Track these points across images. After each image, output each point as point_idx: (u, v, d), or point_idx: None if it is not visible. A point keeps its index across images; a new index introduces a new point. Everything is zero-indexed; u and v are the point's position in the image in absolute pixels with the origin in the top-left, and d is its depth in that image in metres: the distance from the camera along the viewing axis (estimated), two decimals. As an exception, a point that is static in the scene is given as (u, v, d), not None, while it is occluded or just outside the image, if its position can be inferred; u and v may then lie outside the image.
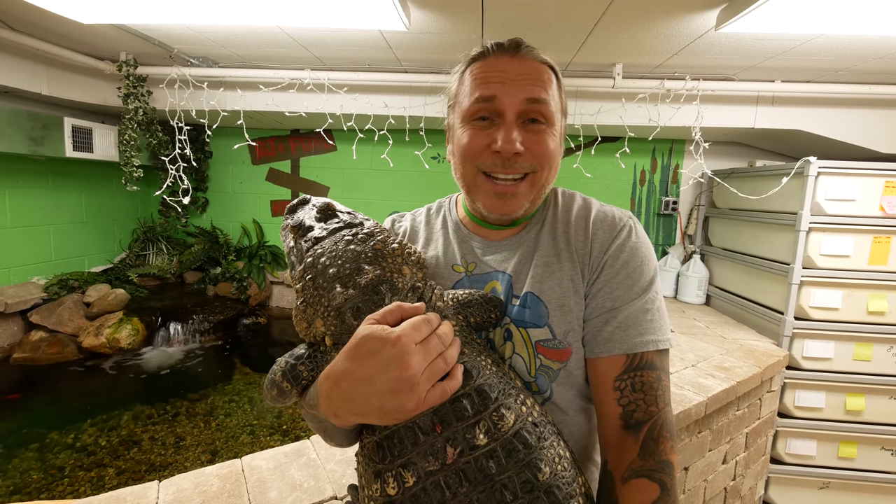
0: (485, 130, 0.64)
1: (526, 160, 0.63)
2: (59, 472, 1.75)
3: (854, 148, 2.40)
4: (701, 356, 1.82)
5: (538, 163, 0.64)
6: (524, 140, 0.62)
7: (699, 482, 1.63)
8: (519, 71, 0.63)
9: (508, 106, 0.62)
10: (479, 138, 0.64)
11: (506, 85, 0.62)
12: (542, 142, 0.63)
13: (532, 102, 0.62)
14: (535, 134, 0.63)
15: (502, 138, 0.61)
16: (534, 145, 0.63)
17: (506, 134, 0.61)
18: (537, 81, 0.63)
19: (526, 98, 0.62)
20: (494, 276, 0.69)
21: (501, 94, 0.62)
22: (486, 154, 0.63)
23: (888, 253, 1.89)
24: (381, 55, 2.23)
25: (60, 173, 2.85)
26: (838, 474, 2.00)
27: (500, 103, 0.62)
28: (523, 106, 0.62)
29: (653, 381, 0.60)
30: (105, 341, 2.57)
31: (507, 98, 0.62)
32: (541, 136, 0.63)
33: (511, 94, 0.62)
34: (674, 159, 3.06)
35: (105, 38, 2.15)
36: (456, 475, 0.48)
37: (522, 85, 0.62)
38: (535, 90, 0.62)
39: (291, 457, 1.11)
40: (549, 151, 0.64)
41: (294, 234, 0.66)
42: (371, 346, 0.47)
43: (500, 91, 0.62)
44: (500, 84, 0.62)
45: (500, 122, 0.63)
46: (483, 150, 0.64)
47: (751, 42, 1.84)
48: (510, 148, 0.61)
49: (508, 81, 0.62)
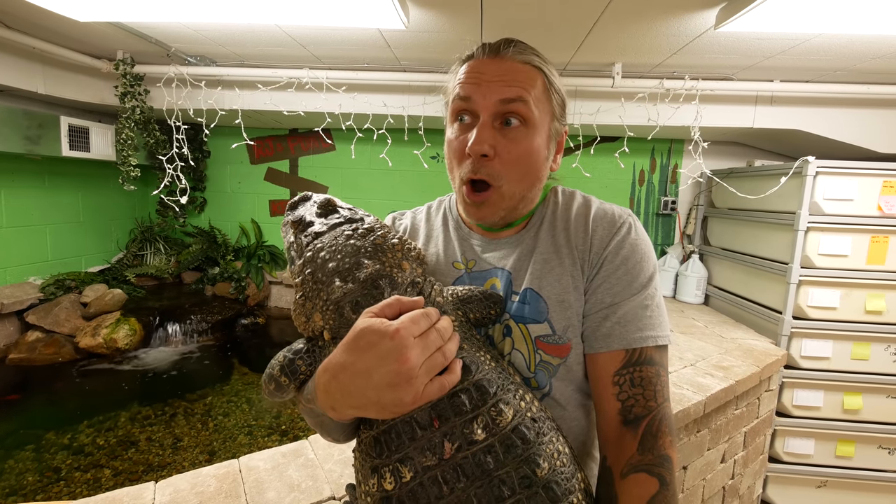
0: (463, 134, 0.64)
1: (494, 167, 0.62)
2: (55, 473, 1.74)
3: (852, 148, 2.41)
4: (699, 355, 1.82)
5: (504, 171, 0.63)
6: (497, 144, 0.62)
7: (698, 481, 1.63)
8: (497, 72, 0.62)
9: (482, 107, 0.62)
10: (458, 143, 0.64)
11: (482, 86, 0.62)
12: (512, 149, 0.62)
13: (506, 102, 0.61)
14: (510, 141, 0.62)
15: (473, 139, 0.61)
16: (505, 151, 0.62)
17: (476, 135, 0.61)
18: (514, 82, 0.62)
19: (500, 99, 0.61)
20: (494, 272, 0.69)
21: (477, 95, 0.62)
22: (464, 157, 0.64)
23: (886, 252, 1.89)
24: (380, 54, 2.23)
25: (57, 172, 2.84)
26: (836, 473, 2.00)
27: (474, 104, 0.62)
28: (497, 107, 0.62)
29: (652, 376, 0.60)
30: (102, 342, 2.56)
31: (481, 99, 0.62)
32: (513, 143, 0.62)
33: (486, 94, 0.62)
34: (673, 159, 3.06)
35: (102, 36, 2.14)
36: (453, 470, 0.47)
37: (498, 86, 0.61)
38: (510, 90, 0.61)
39: (289, 457, 1.10)
40: (519, 157, 0.63)
41: (294, 230, 0.66)
42: (369, 338, 0.47)
43: (475, 92, 0.62)
44: (476, 85, 0.62)
45: (475, 123, 0.63)
46: (462, 156, 0.64)
47: (750, 41, 1.85)
48: (477, 149, 0.61)
49: (485, 82, 0.62)
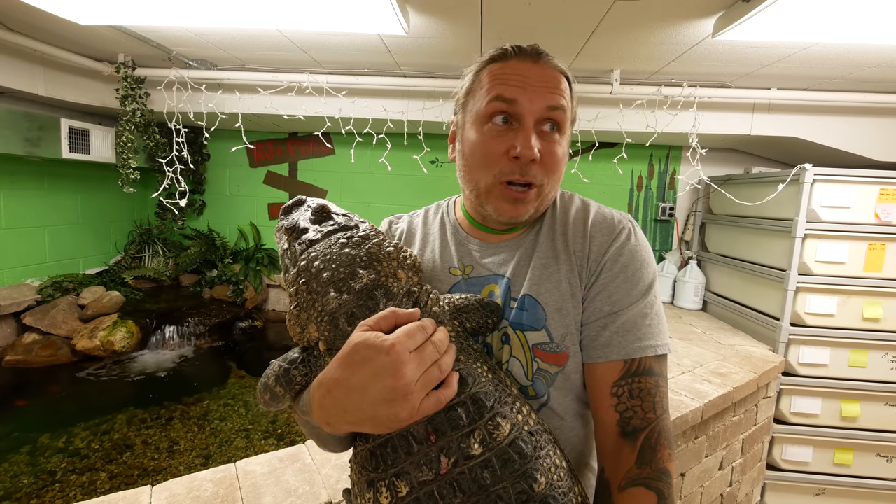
0: (502, 136, 0.63)
1: (539, 168, 0.63)
2: (49, 476, 1.73)
3: (849, 155, 2.42)
4: (697, 362, 1.82)
5: (546, 174, 0.64)
6: (540, 148, 0.63)
7: (696, 488, 1.63)
8: (541, 77, 0.63)
9: (529, 112, 0.62)
10: (496, 144, 0.63)
11: (528, 90, 0.62)
12: (553, 152, 0.64)
13: (552, 109, 0.63)
14: (550, 143, 0.64)
15: (521, 143, 0.61)
16: (546, 155, 0.63)
17: (524, 139, 0.61)
18: (556, 89, 0.63)
19: (547, 105, 0.62)
20: (492, 279, 0.68)
21: (523, 99, 0.62)
22: (504, 160, 0.63)
23: (883, 260, 1.90)
24: (380, 59, 2.24)
25: (56, 174, 2.83)
26: (834, 481, 2.00)
27: (520, 108, 0.62)
28: (543, 113, 0.62)
29: (651, 387, 0.59)
30: (99, 344, 2.55)
31: (528, 104, 0.62)
32: (553, 146, 0.64)
33: (533, 100, 0.62)
34: (671, 165, 3.07)
35: (103, 39, 2.15)
36: (450, 485, 0.47)
37: (544, 92, 0.62)
38: (555, 97, 0.63)
39: (286, 461, 1.10)
40: (558, 162, 0.65)
41: (288, 237, 0.65)
42: (364, 353, 0.46)
43: (521, 96, 0.62)
44: (521, 89, 0.62)
45: (517, 126, 0.63)
46: (501, 156, 0.63)
47: (747, 50, 1.86)
48: (529, 153, 0.61)
49: (531, 87, 0.62)
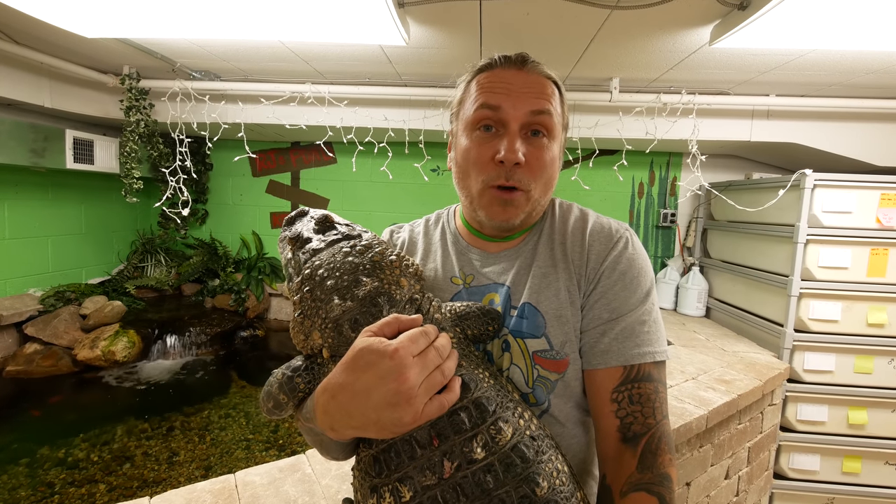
0: (489, 142, 0.65)
1: (524, 173, 0.64)
2: (48, 488, 1.71)
3: (849, 161, 2.43)
4: (701, 369, 1.81)
5: (532, 178, 0.65)
6: (525, 152, 0.64)
7: (702, 498, 1.60)
8: (525, 83, 0.64)
9: (513, 117, 0.63)
10: (484, 150, 0.65)
11: (511, 96, 0.63)
12: (539, 156, 0.65)
13: (536, 114, 0.64)
14: (536, 148, 0.65)
15: (505, 148, 0.62)
16: (533, 159, 0.64)
17: (509, 144, 0.63)
18: (541, 94, 0.64)
19: (530, 110, 0.63)
20: (492, 288, 0.69)
21: (507, 105, 0.63)
22: (490, 165, 0.64)
23: (886, 265, 1.89)
24: (381, 69, 2.26)
25: (60, 185, 2.86)
26: (843, 489, 1.97)
27: (504, 114, 0.63)
28: (527, 118, 0.64)
29: (650, 392, 0.60)
30: (100, 354, 2.54)
31: (512, 109, 0.63)
32: (540, 151, 0.65)
33: (516, 105, 0.63)
34: (671, 172, 3.08)
35: (108, 51, 2.18)
36: (453, 490, 0.47)
37: (528, 97, 0.64)
38: (539, 102, 0.64)
39: (286, 472, 1.09)
40: (545, 166, 0.65)
41: (292, 246, 0.66)
42: (368, 358, 0.47)
43: (505, 102, 0.63)
44: (505, 95, 0.64)
45: (503, 132, 0.64)
46: (488, 161, 0.64)
47: (745, 57, 1.87)
48: (513, 157, 0.62)
49: (514, 93, 0.64)
